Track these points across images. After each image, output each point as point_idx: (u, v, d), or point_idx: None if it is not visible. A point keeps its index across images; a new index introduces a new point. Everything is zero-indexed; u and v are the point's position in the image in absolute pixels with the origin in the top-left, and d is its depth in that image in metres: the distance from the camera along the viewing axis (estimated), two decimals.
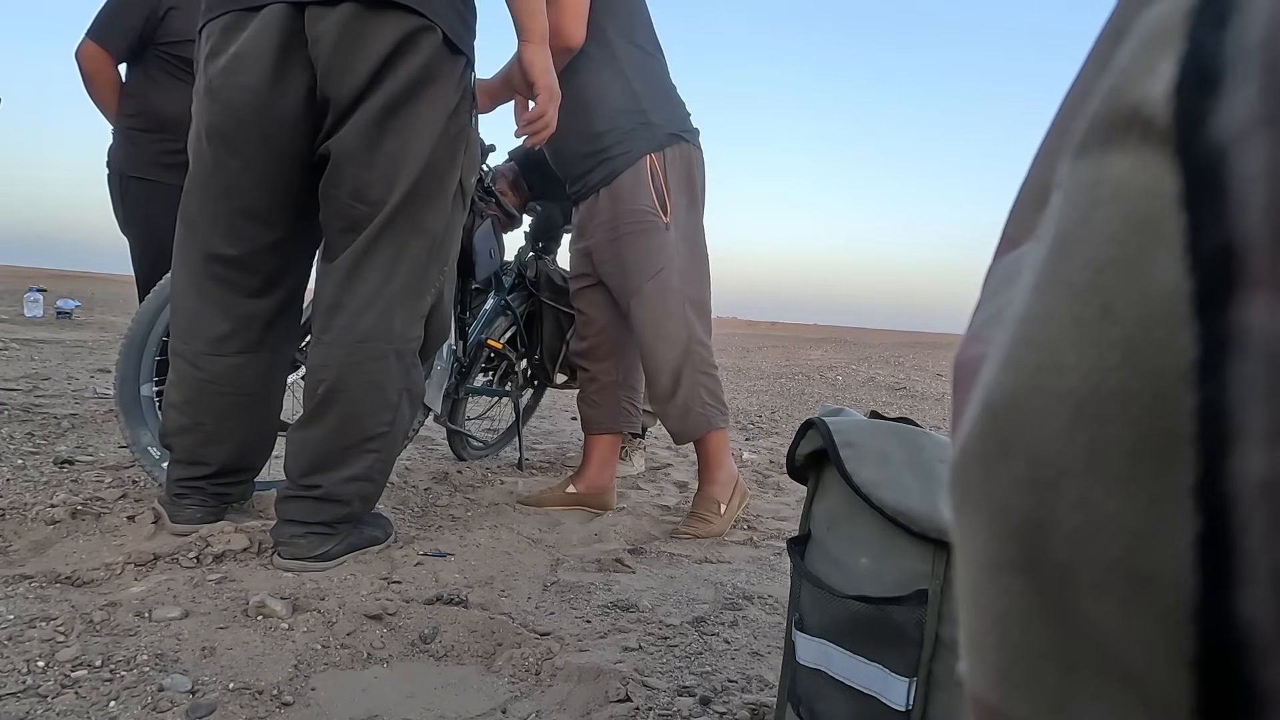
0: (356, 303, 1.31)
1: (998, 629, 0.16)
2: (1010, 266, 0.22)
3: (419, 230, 1.34)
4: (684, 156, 1.71)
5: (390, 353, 1.32)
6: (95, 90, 2.20)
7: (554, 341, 2.25)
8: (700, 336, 1.71)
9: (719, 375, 1.75)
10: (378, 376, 1.31)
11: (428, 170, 1.32)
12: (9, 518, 1.34)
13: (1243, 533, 0.12)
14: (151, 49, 2.19)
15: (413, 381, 1.38)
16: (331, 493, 1.30)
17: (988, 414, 0.16)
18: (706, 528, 1.69)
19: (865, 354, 11.93)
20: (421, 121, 1.30)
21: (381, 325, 1.31)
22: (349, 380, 1.30)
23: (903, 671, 0.62)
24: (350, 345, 1.30)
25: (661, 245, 1.67)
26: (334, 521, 1.29)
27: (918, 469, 0.66)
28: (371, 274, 1.32)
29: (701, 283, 1.75)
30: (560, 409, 3.60)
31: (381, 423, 1.33)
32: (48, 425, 2.15)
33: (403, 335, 1.34)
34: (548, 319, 2.24)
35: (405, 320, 1.34)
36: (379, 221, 1.31)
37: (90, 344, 4.67)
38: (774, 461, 2.64)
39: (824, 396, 5.38)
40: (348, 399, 1.30)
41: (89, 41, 2.15)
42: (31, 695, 0.83)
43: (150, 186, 2.20)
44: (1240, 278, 0.12)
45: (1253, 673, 0.12)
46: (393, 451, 1.39)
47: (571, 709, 0.90)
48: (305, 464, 1.30)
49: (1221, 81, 0.13)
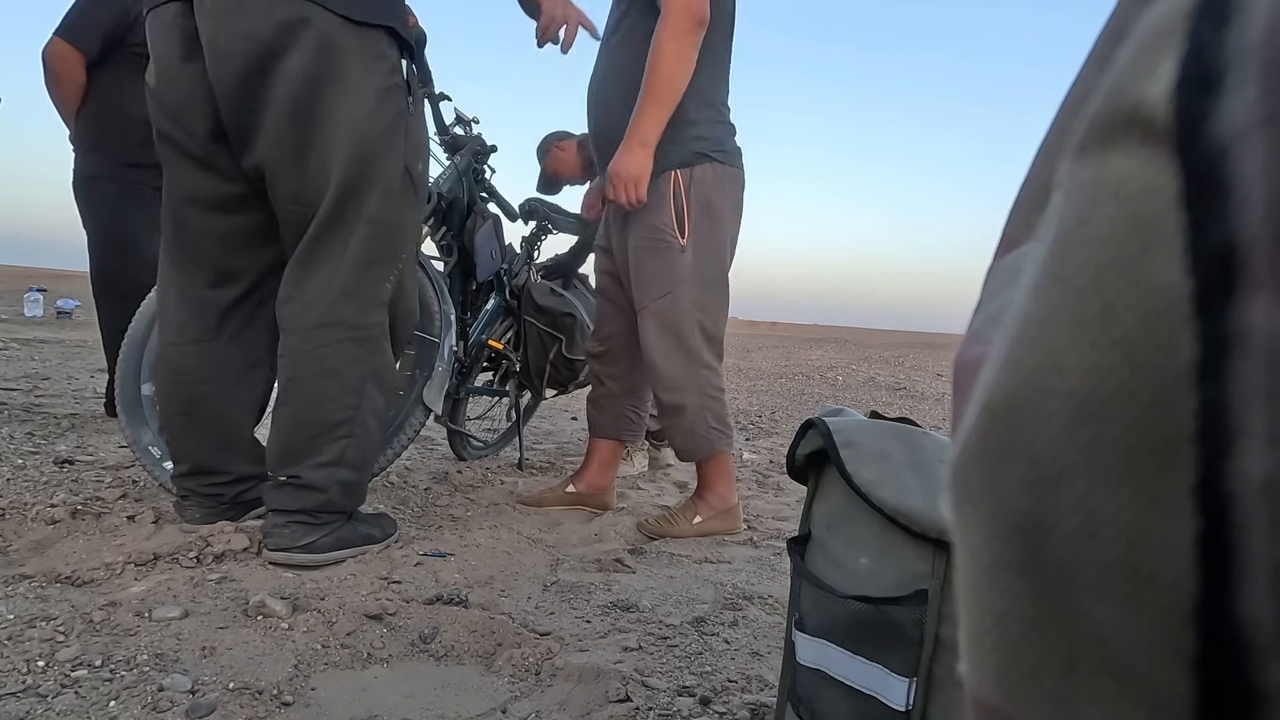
0: (308, 294, 1.31)
1: (998, 629, 0.16)
2: (1010, 266, 0.22)
3: (364, 219, 1.32)
4: (712, 178, 1.64)
5: (346, 339, 1.32)
6: (60, 89, 2.18)
7: (539, 359, 2.23)
8: (708, 360, 1.68)
9: (725, 398, 1.72)
10: (333, 362, 1.31)
11: (363, 160, 1.29)
12: (9, 518, 1.34)
13: (1243, 532, 0.12)
14: (120, 49, 2.18)
15: (378, 366, 1.37)
16: (309, 480, 1.30)
17: (988, 414, 0.16)
18: (668, 526, 1.68)
19: (865, 354, 11.93)
20: (339, 118, 1.27)
21: (333, 312, 1.31)
22: (305, 366, 1.31)
23: (903, 671, 0.62)
24: (304, 332, 1.31)
25: (673, 266, 1.63)
26: (316, 510, 1.30)
27: (918, 469, 0.66)
28: (321, 266, 1.32)
29: (715, 307, 1.69)
30: (560, 409, 3.60)
31: (345, 407, 1.32)
32: (48, 425, 2.15)
33: (358, 322, 1.33)
34: (531, 336, 2.22)
35: (359, 307, 1.33)
36: (320, 218, 1.30)
37: (90, 344, 4.67)
38: (774, 461, 2.64)
39: (824, 396, 5.38)
40: (306, 385, 1.31)
41: (58, 40, 2.13)
42: (31, 695, 0.83)
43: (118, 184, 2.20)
44: (1241, 278, 0.12)
45: (1253, 673, 0.12)
46: (366, 438, 1.36)
47: (571, 709, 0.90)
48: (278, 453, 1.32)
49: (1222, 81, 0.13)
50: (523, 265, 2.36)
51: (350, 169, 1.28)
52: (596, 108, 1.73)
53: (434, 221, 2.01)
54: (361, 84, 1.27)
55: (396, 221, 1.37)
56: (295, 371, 1.32)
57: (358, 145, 1.28)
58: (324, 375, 1.31)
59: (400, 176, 1.35)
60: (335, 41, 1.24)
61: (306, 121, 1.26)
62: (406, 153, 1.35)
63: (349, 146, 1.28)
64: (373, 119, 1.29)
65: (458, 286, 2.08)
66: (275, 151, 1.28)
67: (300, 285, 1.32)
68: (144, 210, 2.22)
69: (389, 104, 1.31)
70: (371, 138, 1.29)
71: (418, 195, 1.41)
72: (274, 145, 1.27)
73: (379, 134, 1.30)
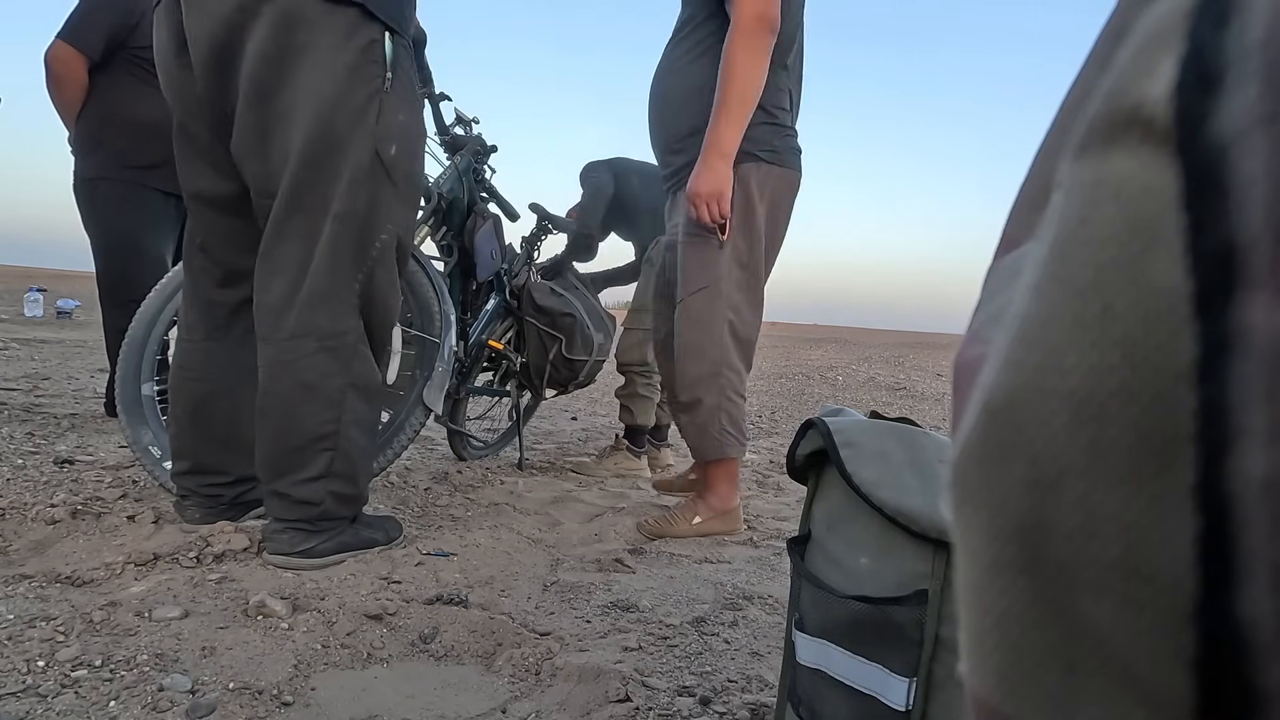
0: (275, 300, 1.26)
1: (998, 629, 0.16)
2: (1010, 266, 0.22)
3: (328, 215, 1.24)
4: (757, 177, 1.60)
5: (318, 349, 1.26)
6: (62, 92, 2.18)
7: (539, 358, 2.24)
8: (733, 362, 1.65)
9: (744, 405, 1.69)
10: (308, 375, 1.26)
11: (324, 141, 1.20)
12: (9, 518, 1.34)
13: (1243, 532, 0.12)
14: (122, 52, 2.18)
15: (356, 375, 1.30)
16: (299, 496, 1.27)
17: (988, 414, 0.16)
18: (668, 526, 1.67)
19: (865, 354, 11.93)
20: (301, 95, 1.18)
21: (305, 321, 1.25)
22: (281, 380, 1.26)
23: (903, 671, 0.62)
24: (278, 344, 1.26)
25: (711, 262, 1.61)
26: (313, 519, 1.28)
27: (918, 469, 0.66)
28: (285, 268, 1.25)
29: (748, 308, 1.66)
30: (560, 409, 3.60)
31: (324, 421, 1.27)
32: (48, 425, 2.15)
33: (331, 330, 1.27)
34: (530, 335, 2.23)
35: (331, 314, 1.27)
36: (277, 210, 1.24)
37: (90, 344, 4.67)
38: (774, 461, 2.64)
39: (824, 396, 5.38)
40: (282, 400, 1.26)
41: (60, 43, 2.13)
42: (31, 695, 0.83)
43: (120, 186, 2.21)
44: (1241, 278, 0.12)
45: (1253, 673, 0.12)
46: (352, 448, 1.31)
47: (571, 709, 0.90)
48: (265, 469, 1.30)
49: (1222, 81, 0.13)
50: (523, 265, 2.36)
51: (307, 150, 1.20)
52: (657, 106, 1.71)
53: (434, 221, 2.01)
54: (328, 61, 1.18)
55: (365, 212, 1.27)
56: (272, 385, 1.27)
57: (319, 126, 1.19)
58: (301, 390, 1.26)
59: (370, 162, 1.25)
60: (299, 15, 1.16)
61: (268, 103, 1.19)
62: (377, 133, 1.25)
63: (309, 128, 1.19)
64: (340, 100, 1.20)
65: (458, 286, 2.08)
66: (241, 138, 1.22)
67: (267, 286, 1.27)
68: (146, 211, 2.22)
69: (359, 84, 1.21)
70: (336, 120, 1.20)
71: (394, 181, 1.30)
72: (240, 131, 1.22)
73: (346, 116, 1.21)
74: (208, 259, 1.37)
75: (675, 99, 1.64)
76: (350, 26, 1.20)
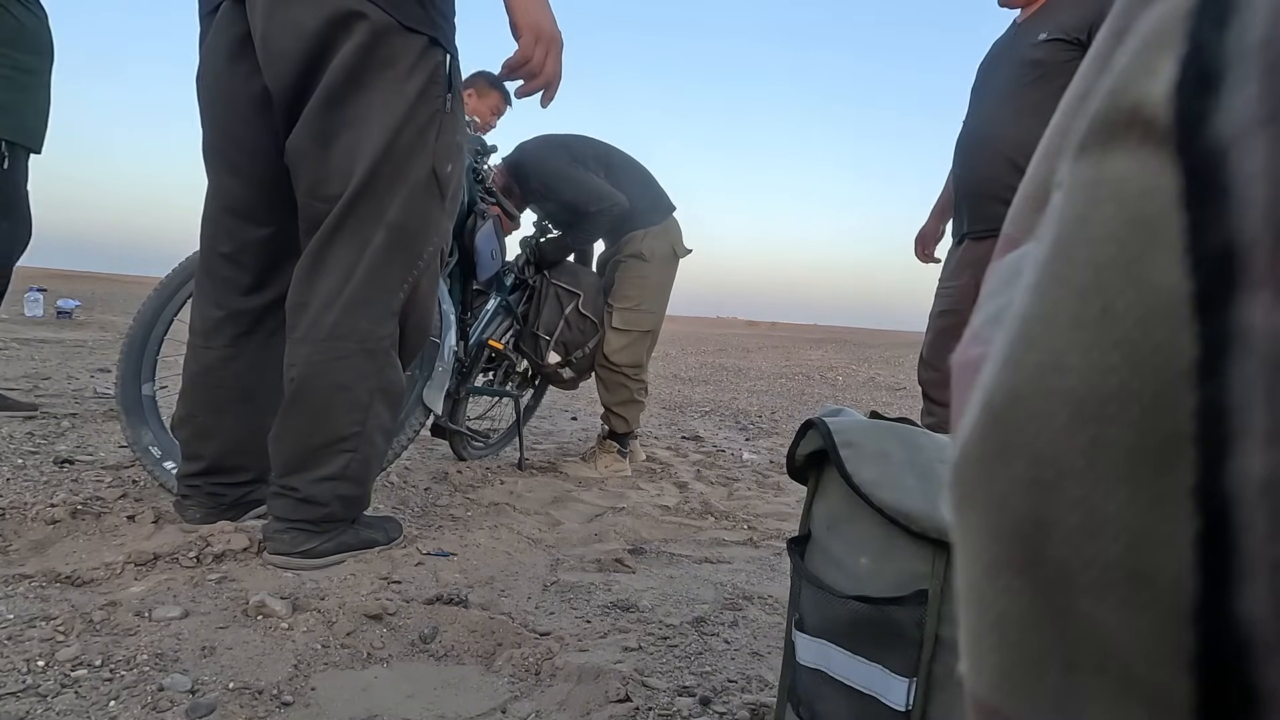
0: (320, 300, 1.28)
1: (998, 629, 0.16)
2: (1010, 266, 0.22)
3: (382, 223, 1.29)
4: None
5: (357, 351, 1.29)
6: None
7: (552, 316, 2.26)
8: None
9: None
10: (343, 376, 1.28)
11: (386, 160, 1.27)
12: (9, 518, 1.34)
13: (1243, 533, 0.12)
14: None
15: (387, 381, 1.34)
16: (308, 494, 1.28)
17: (988, 414, 0.16)
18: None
19: (865, 354, 11.93)
20: (375, 110, 1.25)
21: (347, 323, 1.28)
22: (315, 379, 1.28)
23: (903, 671, 0.62)
24: (316, 343, 1.28)
25: None
26: (316, 520, 1.29)
27: (918, 469, 0.66)
28: (333, 270, 1.29)
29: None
30: (560, 409, 3.60)
31: (352, 423, 1.30)
32: (48, 425, 2.15)
33: (371, 333, 1.30)
34: (548, 296, 2.27)
35: (373, 318, 1.30)
36: (334, 215, 1.28)
37: (90, 343, 4.67)
38: (774, 461, 2.64)
39: (824, 397, 5.38)
40: (314, 399, 1.28)
41: None
42: (31, 695, 0.83)
43: None
44: (1240, 278, 0.12)
45: (1253, 673, 0.12)
46: (371, 452, 1.35)
47: (571, 709, 0.90)
48: (280, 463, 1.31)
49: (1222, 81, 0.13)
50: (523, 265, 2.36)
51: (376, 164, 1.26)
52: (975, 154, 1.69)
53: None
54: (403, 81, 1.26)
55: (418, 226, 1.33)
56: (305, 384, 1.28)
57: (388, 143, 1.26)
58: (334, 390, 1.28)
59: (426, 178, 1.32)
60: (385, 36, 1.23)
61: (340, 110, 1.25)
62: (436, 152, 1.32)
63: (379, 141, 1.25)
64: (409, 118, 1.27)
65: (458, 286, 2.08)
66: (303, 138, 1.26)
67: (312, 286, 1.29)
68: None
69: (425, 104, 1.29)
70: (403, 138, 1.28)
71: (444, 198, 1.37)
72: (303, 131, 1.26)
73: (412, 134, 1.28)
74: (238, 269, 1.39)
75: (1007, 157, 1.59)
76: (422, 51, 1.28)
